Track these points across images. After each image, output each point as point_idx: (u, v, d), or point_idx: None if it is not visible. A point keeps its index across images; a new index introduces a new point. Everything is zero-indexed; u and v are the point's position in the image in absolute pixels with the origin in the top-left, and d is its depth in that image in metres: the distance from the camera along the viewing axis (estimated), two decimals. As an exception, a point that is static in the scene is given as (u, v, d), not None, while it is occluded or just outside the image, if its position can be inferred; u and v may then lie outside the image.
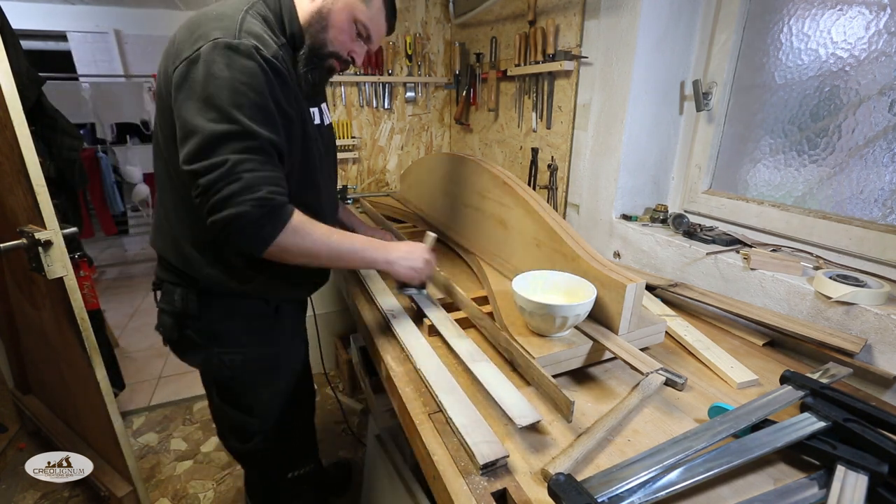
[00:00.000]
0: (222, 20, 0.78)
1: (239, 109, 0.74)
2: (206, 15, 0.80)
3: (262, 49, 0.77)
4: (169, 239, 0.94)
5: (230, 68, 0.74)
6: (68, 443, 1.63)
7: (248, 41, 0.76)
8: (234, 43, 0.74)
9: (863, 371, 0.85)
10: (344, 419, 2.08)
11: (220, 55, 0.74)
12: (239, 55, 0.74)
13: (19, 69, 1.63)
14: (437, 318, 1.02)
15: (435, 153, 2.49)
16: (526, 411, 0.71)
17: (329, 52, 0.89)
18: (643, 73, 1.30)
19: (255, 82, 0.75)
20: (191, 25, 0.80)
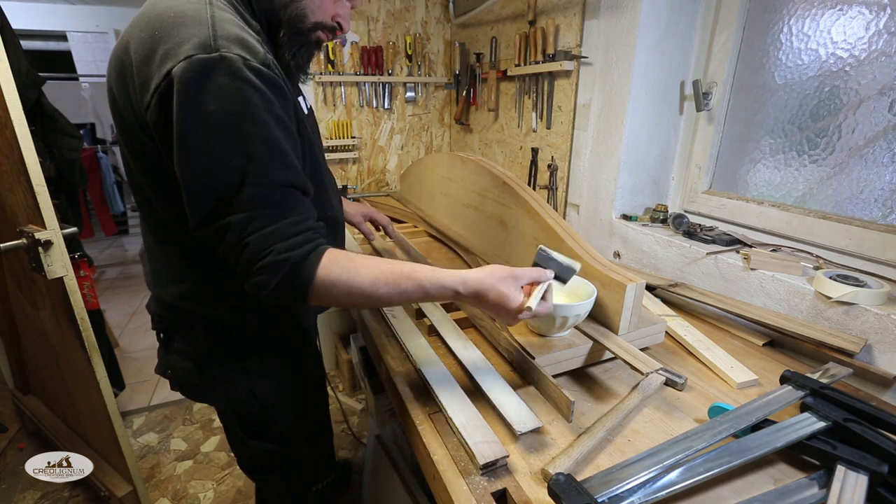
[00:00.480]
0: (186, 24, 0.60)
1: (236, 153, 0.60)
2: (161, 16, 0.62)
3: (249, 60, 0.60)
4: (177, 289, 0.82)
5: (215, 98, 0.58)
6: (68, 443, 1.63)
7: (229, 52, 0.59)
8: (211, 60, 0.58)
9: (863, 371, 0.85)
10: (344, 419, 2.09)
11: (198, 81, 0.57)
12: (223, 76, 0.58)
13: (19, 69, 1.63)
14: (437, 318, 1.02)
15: (435, 153, 2.49)
16: (525, 417, 0.71)
17: (312, 23, 0.75)
18: (643, 73, 1.30)
19: (249, 111, 0.60)
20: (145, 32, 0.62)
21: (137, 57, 0.62)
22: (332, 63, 2.13)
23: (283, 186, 0.64)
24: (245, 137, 0.60)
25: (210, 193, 0.62)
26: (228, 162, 0.60)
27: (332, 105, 2.23)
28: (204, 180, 0.61)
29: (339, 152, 2.29)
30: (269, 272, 0.62)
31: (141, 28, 0.63)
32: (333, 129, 2.24)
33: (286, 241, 0.63)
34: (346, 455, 1.90)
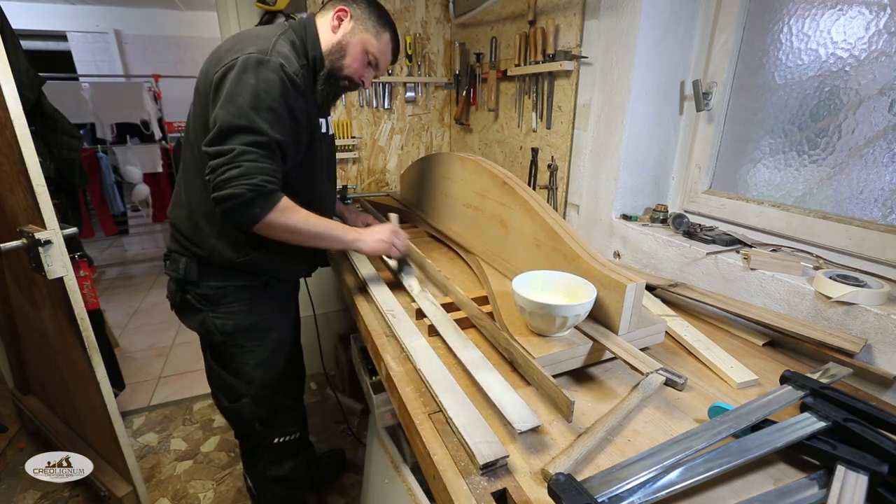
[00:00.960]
0: (259, 40, 0.98)
1: (255, 111, 0.92)
2: (248, 34, 1.02)
3: (285, 66, 0.96)
4: (185, 211, 1.10)
5: (257, 77, 0.93)
6: (68, 443, 1.63)
7: (275, 59, 0.95)
8: (263, 59, 0.94)
9: (863, 371, 0.85)
10: (344, 419, 2.08)
11: (251, 66, 0.93)
12: (266, 68, 0.94)
13: (19, 69, 1.63)
14: (437, 318, 1.02)
15: (435, 153, 2.49)
16: (525, 416, 0.71)
17: (344, 75, 1.09)
18: (643, 73, 1.30)
19: (274, 91, 0.94)
20: (234, 40, 1.01)
21: (222, 52, 1.00)
22: (332, 63, 2.13)
23: (275, 142, 0.95)
24: (261, 104, 0.93)
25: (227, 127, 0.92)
26: (245, 112, 0.92)
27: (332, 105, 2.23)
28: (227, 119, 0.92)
29: (339, 152, 2.28)
30: (249, 189, 0.91)
31: (230, 40, 1.02)
32: (333, 129, 2.24)
33: (269, 175, 0.94)
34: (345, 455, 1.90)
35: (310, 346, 2.27)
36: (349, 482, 1.77)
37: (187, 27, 4.65)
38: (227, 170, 0.91)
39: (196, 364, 2.53)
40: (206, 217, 1.08)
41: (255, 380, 1.21)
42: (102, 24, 4.47)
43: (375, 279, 1.25)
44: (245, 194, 0.90)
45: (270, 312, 1.22)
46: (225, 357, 1.20)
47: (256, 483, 1.37)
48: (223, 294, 1.14)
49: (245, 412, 1.23)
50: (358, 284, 1.27)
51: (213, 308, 1.14)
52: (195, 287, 1.13)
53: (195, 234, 1.09)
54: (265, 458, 1.31)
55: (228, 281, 1.14)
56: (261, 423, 1.26)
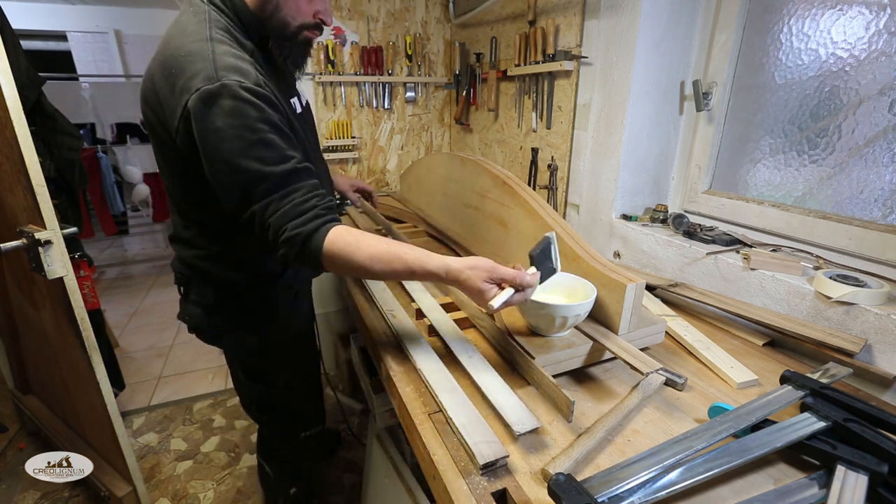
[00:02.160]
0: (194, 60, 0.77)
1: (245, 157, 0.76)
2: (175, 55, 0.79)
3: (243, 83, 0.76)
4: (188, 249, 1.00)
5: (220, 117, 0.75)
6: (68, 443, 1.63)
7: (227, 80, 0.75)
8: (214, 90, 0.74)
9: (863, 371, 0.85)
10: (344, 419, 2.09)
11: (207, 107, 0.74)
12: (224, 100, 0.75)
13: (19, 69, 1.63)
14: (436, 319, 1.02)
15: (435, 153, 2.49)
16: (524, 418, 0.70)
17: (295, 27, 0.88)
18: (643, 73, 1.30)
19: (246, 121, 0.76)
20: (166, 68, 0.80)
21: (162, 92, 0.80)
22: (332, 63, 2.13)
23: (286, 174, 0.79)
24: (247, 143, 0.76)
25: (232, 191, 0.79)
26: (238, 164, 0.76)
27: (332, 105, 2.23)
28: (225, 181, 0.79)
29: (339, 152, 2.29)
30: (287, 246, 0.78)
31: (161, 66, 0.81)
32: (333, 129, 2.24)
33: (297, 218, 0.78)
34: (345, 455, 1.91)
35: (310, 346, 2.27)
36: (349, 482, 1.77)
37: (187, 27, 4.65)
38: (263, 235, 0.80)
39: (196, 364, 2.53)
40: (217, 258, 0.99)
41: (289, 386, 1.20)
42: (102, 24, 4.47)
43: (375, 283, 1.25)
44: (289, 254, 0.79)
45: (301, 320, 1.22)
46: (259, 371, 1.16)
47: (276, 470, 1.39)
48: (257, 314, 1.07)
49: (277, 418, 1.25)
50: (358, 284, 1.27)
51: (249, 329, 1.07)
52: (227, 311, 1.05)
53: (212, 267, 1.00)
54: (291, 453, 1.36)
55: (263, 299, 1.07)
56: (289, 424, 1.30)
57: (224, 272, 1.00)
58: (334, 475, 1.80)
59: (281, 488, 1.41)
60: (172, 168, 0.90)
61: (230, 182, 0.78)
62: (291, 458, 1.37)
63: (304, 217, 0.78)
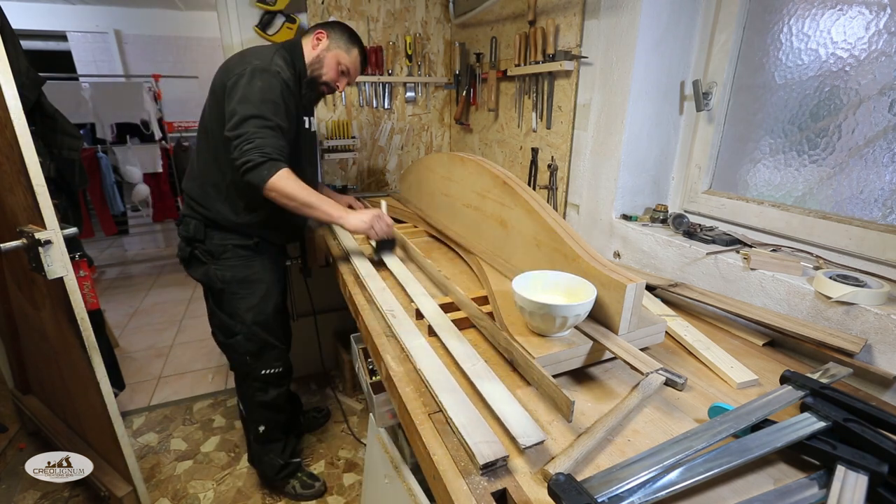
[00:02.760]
0: (261, 56, 1.31)
1: (263, 104, 1.24)
2: (252, 51, 1.34)
3: (282, 73, 1.30)
4: (198, 182, 1.43)
5: (262, 80, 1.26)
6: (68, 443, 1.63)
7: (274, 68, 1.29)
8: (265, 67, 1.28)
9: (863, 371, 0.85)
10: (344, 419, 2.09)
11: (257, 73, 1.26)
12: (268, 74, 1.27)
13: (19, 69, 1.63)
14: (439, 324, 1.02)
15: (435, 153, 2.49)
16: (529, 430, 0.69)
17: (322, 81, 1.43)
18: (643, 73, 1.30)
19: (275, 90, 1.27)
20: (241, 56, 1.34)
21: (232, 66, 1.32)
22: (332, 63, 2.13)
23: (279, 126, 1.26)
24: (265, 98, 1.25)
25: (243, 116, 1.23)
26: (255, 105, 1.23)
27: (332, 105, 2.23)
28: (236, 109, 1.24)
29: (338, 152, 2.28)
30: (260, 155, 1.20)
31: (238, 56, 1.35)
32: (333, 128, 2.24)
33: (276, 149, 1.23)
34: (345, 455, 1.91)
35: (310, 345, 2.28)
36: (349, 482, 1.77)
37: (187, 27, 4.65)
38: (245, 145, 1.20)
39: (196, 364, 2.53)
40: (214, 186, 1.40)
41: (246, 320, 1.49)
42: (102, 24, 4.46)
43: (376, 279, 1.25)
44: (256, 159, 1.19)
45: (260, 268, 1.50)
46: (223, 301, 1.49)
47: (246, 407, 1.64)
48: (223, 249, 1.44)
49: (238, 346, 1.51)
50: (359, 284, 1.28)
51: (215, 261, 1.45)
52: (201, 244, 1.44)
53: (204, 199, 1.41)
54: (254, 387, 1.58)
55: (228, 239, 1.44)
56: (250, 356, 1.53)
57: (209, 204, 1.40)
58: (334, 475, 1.80)
59: (251, 425, 1.64)
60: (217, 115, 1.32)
61: (247, 111, 1.22)
62: (253, 394, 1.59)
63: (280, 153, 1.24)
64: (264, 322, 1.53)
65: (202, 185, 1.41)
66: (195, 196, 1.43)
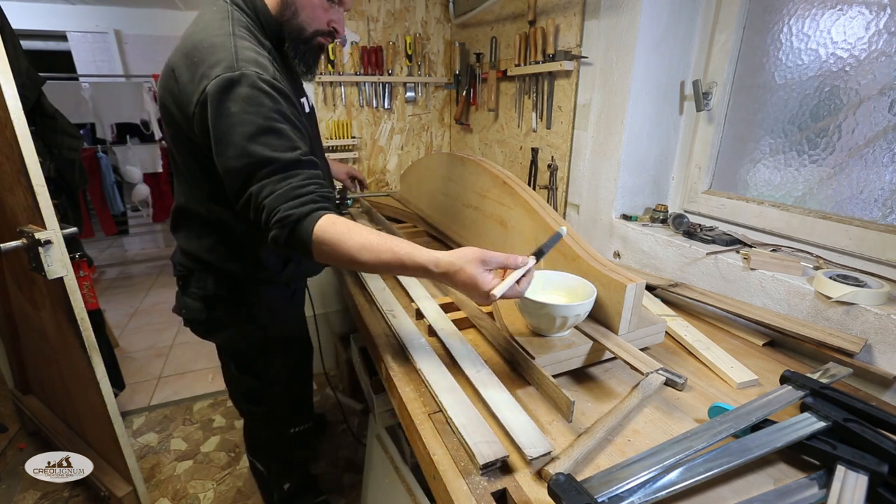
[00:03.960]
0: (216, 51, 0.82)
1: (253, 142, 0.79)
2: (198, 46, 0.84)
3: (261, 73, 0.81)
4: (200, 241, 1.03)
5: (235, 102, 0.79)
6: (68, 443, 1.63)
7: (247, 70, 0.80)
8: (234, 77, 0.79)
9: (863, 371, 0.85)
10: (344, 419, 2.08)
11: (225, 93, 0.79)
12: (242, 88, 0.79)
13: (19, 69, 1.63)
14: (442, 328, 1.02)
15: (435, 153, 2.49)
16: (536, 440, 0.67)
17: (310, 33, 0.96)
18: (643, 73, 1.30)
19: (261, 109, 0.80)
20: (188, 58, 0.84)
21: (182, 80, 0.84)
22: (332, 63, 2.13)
23: (291, 162, 0.81)
24: (258, 129, 0.79)
25: (236, 174, 0.81)
26: (246, 148, 0.79)
27: (332, 105, 2.23)
28: (231, 165, 0.80)
29: (339, 152, 2.28)
30: (279, 226, 0.78)
31: (183, 55, 0.85)
32: (333, 129, 2.24)
33: (291, 200, 0.78)
34: (345, 455, 1.91)
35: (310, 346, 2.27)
36: (349, 482, 1.77)
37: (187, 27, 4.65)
38: (257, 216, 0.81)
39: (196, 364, 2.53)
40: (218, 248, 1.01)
41: (279, 380, 1.23)
42: (102, 24, 4.46)
43: (376, 279, 1.25)
44: (279, 234, 0.79)
45: (296, 317, 1.25)
46: (251, 364, 1.19)
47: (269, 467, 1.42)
48: (256, 309, 1.10)
49: (268, 412, 1.28)
50: (358, 284, 1.27)
51: (248, 322, 1.10)
52: (226, 304, 1.07)
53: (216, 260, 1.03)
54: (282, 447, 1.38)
55: (260, 295, 1.09)
56: (281, 420, 1.33)
57: (225, 263, 1.02)
58: (334, 475, 1.80)
59: (276, 485, 1.43)
60: (185, 156, 0.94)
61: (236, 165, 0.80)
62: (281, 454, 1.40)
63: (300, 200, 0.79)
64: (298, 377, 1.32)
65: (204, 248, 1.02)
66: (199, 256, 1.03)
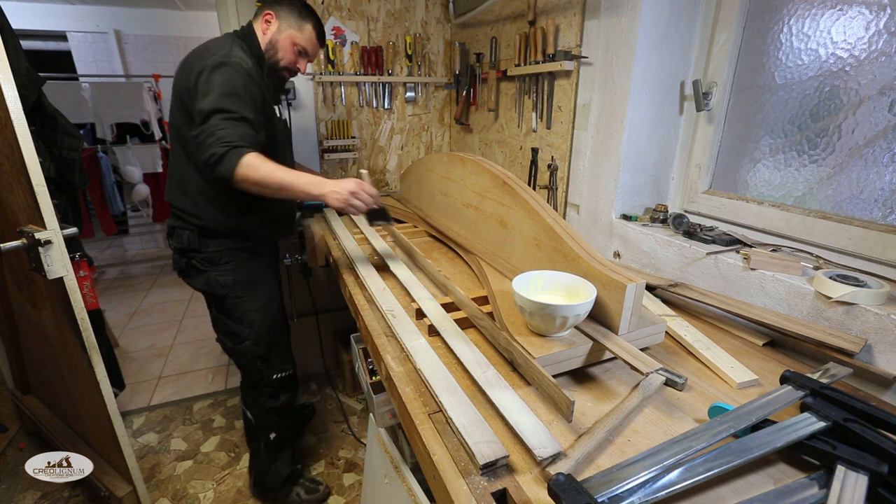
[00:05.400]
0: (220, 49, 1.23)
1: (225, 97, 1.15)
2: (208, 46, 1.26)
3: (242, 63, 1.22)
4: (182, 191, 1.34)
5: (222, 74, 1.18)
6: (68, 443, 1.63)
7: (234, 59, 1.21)
8: (224, 59, 1.20)
9: (863, 371, 0.85)
10: (344, 419, 2.09)
11: (217, 67, 1.18)
12: (228, 67, 1.19)
13: (19, 69, 1.63)
14: (445, 328, 1.02)
15: (435, 153, 2.49)
16: (545, 441, 0.67)
17: (281, 67, 1.36)
18: (643, 73, 1.30)
19: (236, 83, 1.18)
20: (198, 52, 1.25)
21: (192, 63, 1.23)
22: (332, 63, 2.14)
23: (244, 119, 1.17)
24: (227, 91, 1.16)
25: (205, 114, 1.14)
26: (216, 100, 1.14)
27: (332, 105, 2.23)
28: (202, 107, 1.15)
29: (338, 152, 2.29)
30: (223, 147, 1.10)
31: (195, 54, 1.25)
32: (333, 128, 2.24)
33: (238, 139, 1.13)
34: (345, 455, 1.91)
35: (310, 346, 2.28)
36: (349, 482, 1.77)
37: (187, 27, 4.65)
38: (207, 139, 1.12)
39: (196, 364, 2.53)
40: (201, 194, 1.32)
41: (255, 323, 1.44)
42: (102, 24, 4.47)
43: (376, 279, 1.25)
44: (218, 151, 1.10)
45: (261, 268, 1.47)
46: (228, 307, 1.43)
47: (256, 415, 1.57)
48: (221, 255, 1.38)
49: (247, 351, 1.46)
50: (359, 285, 1.27)
51: (215, 267, 1.39)
52: (197, 252, 1.37)
53: (194, 208, 1.33)
54: (266, 393, 1.53)
55: (224, 245, 1.38)
56: (261, 360, 1.48)
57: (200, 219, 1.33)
58: (334, 475, 1.80)
59: (261, 433, 1.58)
60: (189, 120, 1.23)
61: (206, 108, 1.13)
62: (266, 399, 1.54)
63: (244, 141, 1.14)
64: (271, 323, 1.49)
65: (188, 195, 1.33)
66: (183, 206, 1.34)
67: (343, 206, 1.16)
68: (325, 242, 1.65)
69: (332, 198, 1.15)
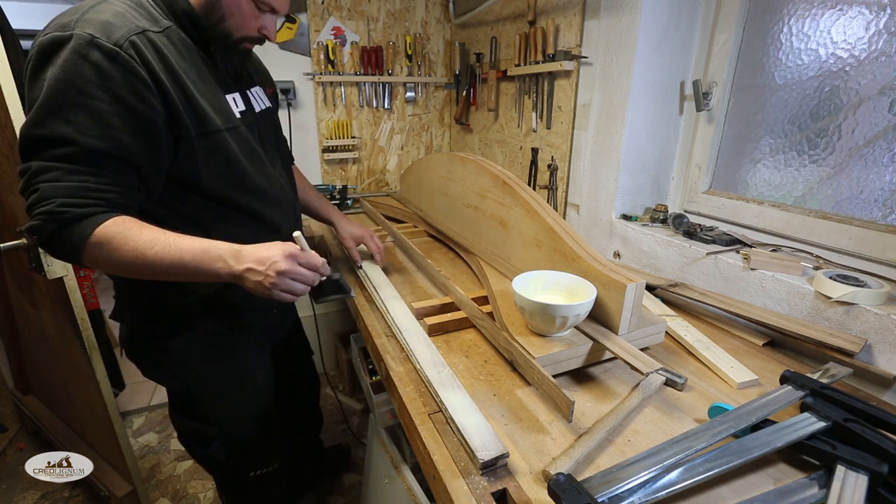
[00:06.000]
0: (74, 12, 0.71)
1: (56, 114, 0.66)
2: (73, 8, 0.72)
3: (97, 38, 0.67)
4: None
5: (53, 66, 0.66)
6: (68, 443, 1.63)
7: (80, 32, 0.67)
8: (60, 38, 0.67)
9: (863, 371, 0.85)
10: (344, 419, 2.09)
11: (44, 55, 0.67)
12: (65, 52, 0.66)
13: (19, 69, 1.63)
14: (408, 328, 1.02)
15: (435, 153, 2.49)
16: (489, 443, 0.66)
17: (238, 38, 0.85)
18: (643, 73, 1.30)
19: (80, 80, 0.66)
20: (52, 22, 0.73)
21: None
22: (332, 63, 2.13)
23: (97, 152, 0.68)
24: (65, 103, 0.66)
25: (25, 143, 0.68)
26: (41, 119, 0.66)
27: (332, 105, 2.23)
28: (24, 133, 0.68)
29: (339, 152, 2.29)
30: (47, 219, 0.66)
31: None
32: (333, 129, 2.24)
33: (74, 199, 0.67)
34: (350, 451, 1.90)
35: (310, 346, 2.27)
36: (349, 482, 1.77)
37: (187, 27, 4.65)
38: (26, 195, 0.68)
39: (196, 364, 2.53)
40: None
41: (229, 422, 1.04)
42: (102, 24, 4.46)
43: (376, 278, 1.25)
44: (42, 226, 0.66)
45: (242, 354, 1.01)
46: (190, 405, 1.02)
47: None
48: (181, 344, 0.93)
49: (216, 454, 1.07)
50: (358, 284, 1.27)
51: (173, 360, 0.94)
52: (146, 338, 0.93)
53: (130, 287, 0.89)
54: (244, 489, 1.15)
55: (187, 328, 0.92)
56: (233, 461, 1.09)
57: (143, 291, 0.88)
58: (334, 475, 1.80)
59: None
60: None
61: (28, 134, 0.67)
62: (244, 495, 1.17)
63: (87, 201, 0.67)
64: (251, 420, 1.07)
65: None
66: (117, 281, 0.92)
67: (268, 293, 0.74)
68: (325, 242, 1.65)
69: (252, 282, 0.73)
